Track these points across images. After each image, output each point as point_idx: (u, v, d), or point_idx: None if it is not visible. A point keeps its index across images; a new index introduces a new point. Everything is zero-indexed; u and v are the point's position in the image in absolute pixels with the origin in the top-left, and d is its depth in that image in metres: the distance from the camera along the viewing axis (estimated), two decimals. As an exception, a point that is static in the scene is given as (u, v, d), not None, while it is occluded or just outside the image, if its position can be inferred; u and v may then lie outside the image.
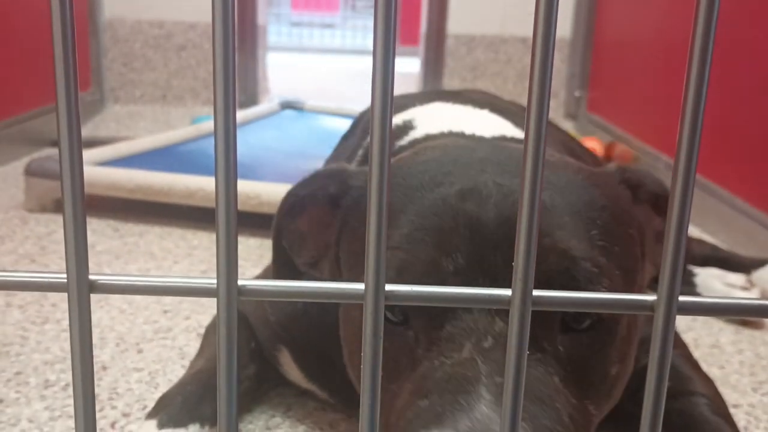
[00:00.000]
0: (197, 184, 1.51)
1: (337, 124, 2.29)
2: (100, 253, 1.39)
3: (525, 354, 0.32)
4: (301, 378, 0.84)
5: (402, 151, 0.74)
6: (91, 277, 0.32)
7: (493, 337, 0.53)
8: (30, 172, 1.63)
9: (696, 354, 0.85)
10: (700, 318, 1.20)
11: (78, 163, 0.31)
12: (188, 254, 1.41)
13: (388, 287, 0.32)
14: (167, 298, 1.18)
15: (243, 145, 1.85)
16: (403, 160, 0.67)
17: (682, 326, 1.16)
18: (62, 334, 1.05)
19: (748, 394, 0.97)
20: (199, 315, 1.13)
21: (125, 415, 0.86)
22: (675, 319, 0.31)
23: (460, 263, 0.56)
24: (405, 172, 0.63)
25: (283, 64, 4.84)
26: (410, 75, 3.47)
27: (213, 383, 0.79)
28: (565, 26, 3.01)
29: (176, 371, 0.96)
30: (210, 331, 0.94)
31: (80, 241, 0.32)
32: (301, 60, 5.71)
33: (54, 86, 0.30)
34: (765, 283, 1.27)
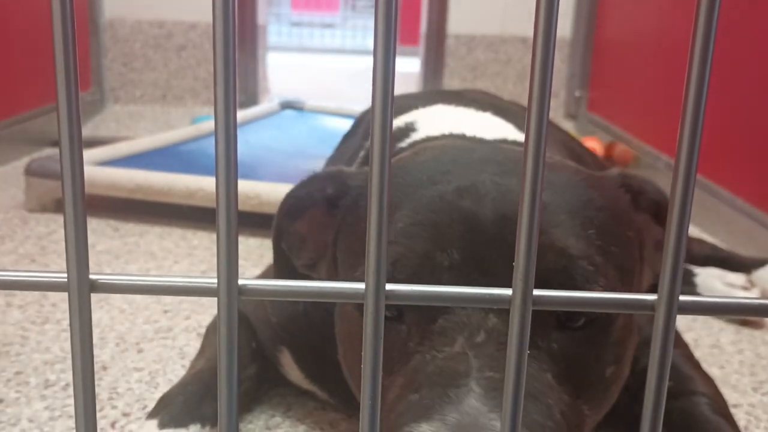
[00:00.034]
0: (197, 184, 1.51)
1: (337, 124, 2.29)
2: (100, 253, 1.39)
3: (525, 353, 0.32)
4: (302, 378, 0.84)
5: (403, 153, 0.74)
6: (92, 276, 0.32)
7: (486, 333, 0.53)
8: (30, 172, 1.63)
9: (696, 354, 0.85)
10: (700, 318, 1.20)
11: (78, 162, 0.31)
12: (188, 254, 1.41)
13: (389, 287, 0.32)
14: (167, 298, 1.18)
15: (243, 145, 1.85)
16: (402, 160, 0.67)
17: (683, 326, 1.16)
18: (62, 334, 1.05)
19: (748, 394, 0.97)
20: (200, 315, 1.13)
21: (125, 414, 0.86)
22: (675, 318, 0.31)
23: (455, 258, 0.56)
24: (403, 170, 0.63)
25: (283, 64, 4.84)
26: (410, 75, 3.47)
27: (214, 383, 0.79)
28: (565, 26, 3.01)
29: (176, 371, 0.96)
30: (211, 331, 0.94)
31: (81, 240, 0.32)
32: (301, 60, 5.71)
33: (54, 86, 0.30)
34: (765, 283, 1.27)
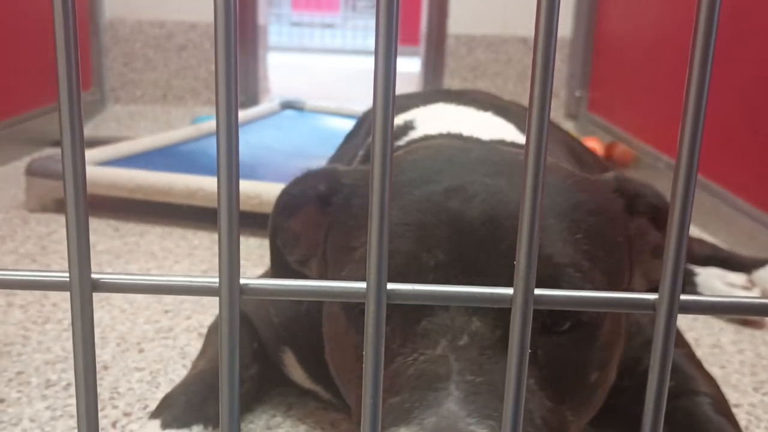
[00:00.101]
0: (198, 184, 1.51)
1: (337, 124, 2.29)
2: (101, 253, 1.39)
3: (527, 353, 0.32)
4: (305, 378, 0.84)
5: (398, 151, 0.74)
6: (94, 275, 0.32)
7: (469, 336, 0.53)
8: (31, 171, 1.63)
9: (697, 354, 0.85)
10: (701, 318, 1.20)
11: (80, 161, 0.31)
12: (189, 254, 1.41)
13: (390, 286, 0.32)
14: (168, 298, 1.18)
15: (244, 145, 1.85)
16: (396, 159, 0.67)
17: (683, 326, 1.16)
18: (63, 334, 1.05)
19: (749, 394, 0.97)
20: (200, 315, 1.13)
21: (126, 414, 0.86)
22: (676, 317, 0.31)
23: (441, 259, 0.56)
24: (395, 169, 0.63)
25: (283, 64, 4.84)
26: (411, 75, 3.47)
27: (216, 383, 0.79)
28: (565, 26, 3.01)
29: (177, 371, 0.96)
30: (212, 332, 0.94)
31: (82, 239, 0.32)
32: (301, 60, 5.71)
33: (55, 86, 0.30)
34: (766, 283, 1.27)
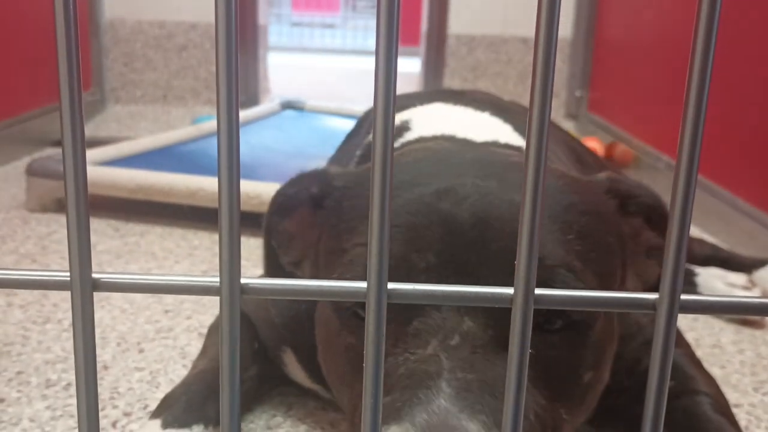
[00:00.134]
0: (198, 184, 1.51)
1: (337, 124, 2.29)
2: (101, 253, 1.39)
3: (527, 353, 0.32)
4: (305, 378, 0.84)
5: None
6: (94, 275, 0.32)
7: (461, 336, 0.53)
8: (31, 171, 1.63)
9: (697, 354, 0.85)
10: (701, 318, 1.20)
11: (81, 160, 0.31)
12: (189, 254, 1.41)
13: (391, 285, 0.32)
14: (168, 298, 1.18)
15: (244, 145, 1.85)
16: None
17: (684, 326, 1.16)
18: (63, 334, 1.05)
19: (749, 394, 0.97)
20: (201, 315, 1.13)
21: (126, 414, 0.86)
22: (677, 317, 0.31)
23: (432, 260, 0.56)
24: None
25: (283, 64, 4.84)
26: (411, 75, 3.47)
27: (217, 383, 0.79)
28: (566, 26, 3.01)
29: (177, 371, 0.96)
30: (213, 331, 0.94)
31: (83, 238, 0.32)
32: (301, 60, 5.71)
33: (55, 86, 0.30)
34: (766, 283, 1.27)
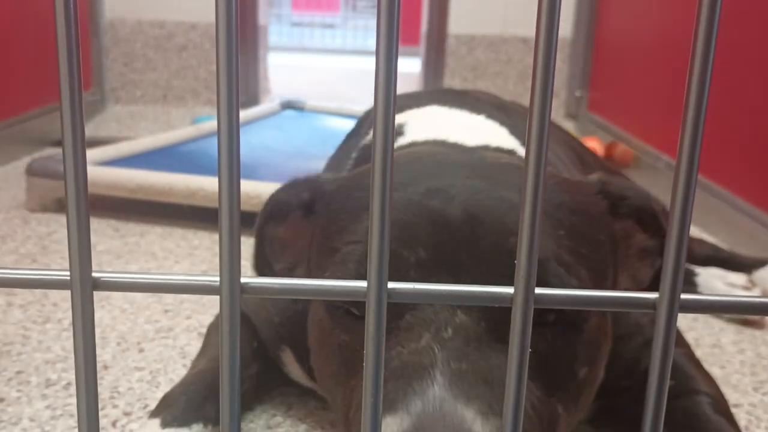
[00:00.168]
0: (198, 184, 1.51)
1: (337, 124, 2.29)
2: (101, 253, 1.39)
3: (527, 352, 0.32)
4: (304, 377, 0.84)
5: None
6: (94, 274, 0.32)
7: (454, 329, 0.53)
8: (31, 171, 1.63)
9: (697, 354, 0.85)
10: (701, 318, 1.20)
11: (81, 160, 0.31)
12: (189, 254, 1.41)
13: (391, 285, 0.32)
14: (168, 298, 1.18)
15: (244, 145, 1.84)
16: None
17: (684, 326, 1.16)
18: (63, 334, 1.05)
19: (749, 394, 0.97)
20: (201, 315, 1.13)
21: (126, 414, 0.86)
22: (677, 316, 0.31)
23: (422, 256, 0.56)
24: None
25: (284, 65, 4.84)
26: (411, 75, 3.47)
27: (217, 383, 0.79)
28: (566, 26, 3.01)
29: (177, 371, 0.96)
30: (212, 331, 0.94)
31: (83, 238, 0.32)
32: (301, 60, 5.71)
33: (55, 86, 0.30)
34: (766, 283, 1.28)
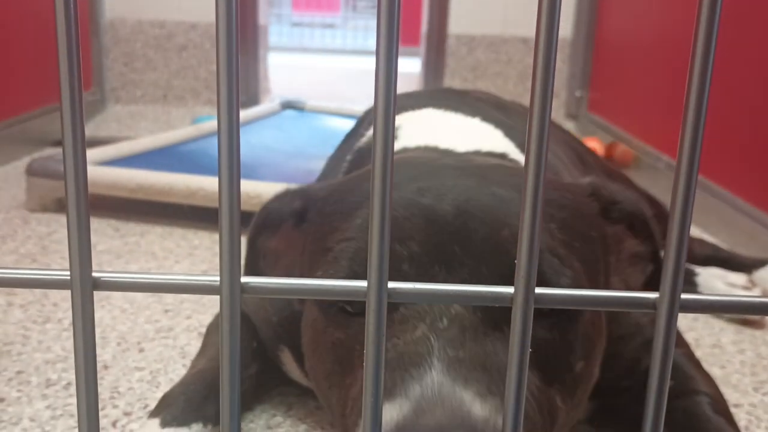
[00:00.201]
0: (198, 184, 1.51)
1: (337, 124, 2.29)
2: (101, 253, 1.39)
3: (527, 352, 0.32)
4: (303, 377, 0.84)
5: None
6: (95, 274, 0.32)
7: (449, 319, 0.53)
8: (31, 171, 1.63)
9: (697, 354, 0.85)
10: (701, 318, 1.20)
11: (81, 160, 0.31)
12: (189, 254, 1.41)
13: (391, 284, 0.32)
14: (168, 298, 1.18)
15: (244, 145, 1.84)
16: (368, 173, 0.68)
17: (684, 326, 1.16)
18: (63, 334, 1.05)
19: (749, 394, 0.97)
20: (201, 314, 1.13)
21: (126, 414, 0.86)
22: (677, 316, 0.31)
23: (415, 250, 0.57)
24: (366, 179, 0.65)
25: (284, 65, 4.84)
26: (411, 75, 3.47)
27: (216, 382, 0.79)
28: (566, 26, 3.01)
29: (177, 370, 0.96)
30: (211, 331, 0.94)
31: (83, 238, 0.32)
32: (301, 60, 5.71)
33: (56, 86, 0.30)
34: (766, 283, 1.27)
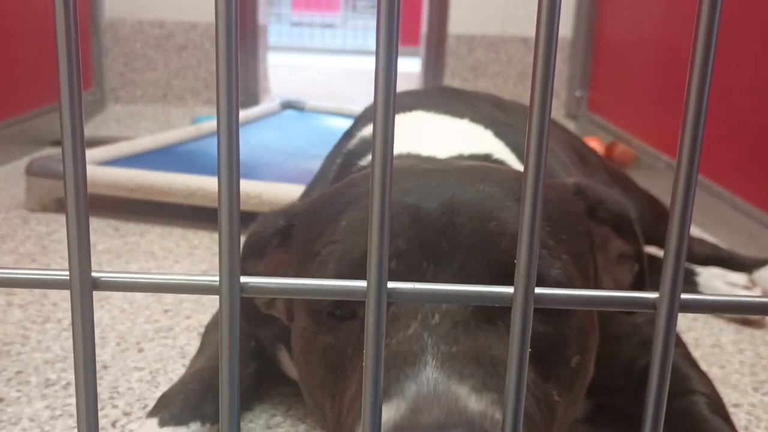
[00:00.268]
0: (198, 184, 1.51)
1: (337, 123, 2.29)
2: (101, 253, 1.39)
3: (527, 351, 0.32)
4: (301, 376, 0.85)
5: (356, 174, 0.78)
6: (94, 274, 0.32)
7: (441, 315, 0.53)
8: (31, 171, 1.63)
9: (697, 354, 0.85)
10: (701, 317, 1.20)
11: (81, 160, 0.31)
12: (189, 254, 1.41)
13: (390, 285, 0.32)
14: (168, 298, 1.18)
15: (244, 145, 1.84)
16: (353, 180, 0.70)
17: (683, 326, 1.16)
18: (63, 333, 1.05)
19: (748, 394, 0.97)
20: (200, 314, 1.13)
21: (126, 414, 0.86)
22: (677, 316, 0.31)
23: (402, 248, 0.57)
24: (350, 186, 0.66)
25: (283, 64, 4.84)
26: (411, 75, 3.47)
27: (214, 382, 0.79)
28: (566, 26, 3.01)
29: (177, 370, 0.96)
30: (210, 330, 0.94)
31: (83, 238, 0.32)
32: (301, 60, 5.71)
33: (55, 86, 0.30)
34: (766, 283, 1.28)
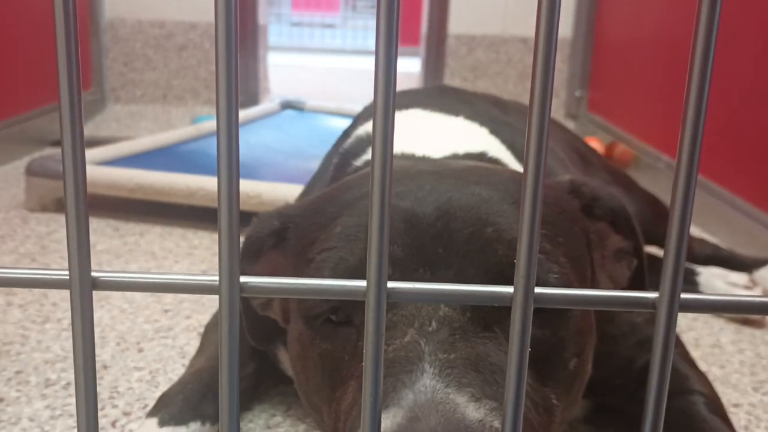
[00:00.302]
0: (198, 184, 1.51)
1: (337, 124, 2.29)
2: (101, 253, 1.39)
3: (527, 351, 0.32)
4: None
5: (351, 175, 0.77)
6: (94, 274, 0.32)
7: (438, 322, 0.53)
8: (31, 171, 1.63)
9: (697, 353, 0.85)
10: (701, 317, 1.20)
11: (80, 160, 0.31)
12: (189, 254, 1.41)
13: (390, 285, 0.32)
14: (168, 298, 1.18)
15: (244, 145, 1.84)
16: (347, 182, 0.69)
17: (683, 326, 1.16)
18: (63, 333, 1.05)
19: (748, 394, 0.97)
20: (200, 314, 1.13)
21: (126, 413, 0.86)
22: (677, 316, 0.31)
23: (398, 253, 0.57)
24: (344, 189, 0.66)
25: (283, 64, 4.84)
26: (411, 75, 3.47)
27: (214, 381, 0.79)
28: (566, 26, 3.01)
29: (177, 370, 0.96)
30: (209, 330, 0.94)
31: (82, 238, 0.32)
32: (301, 60, 5.71)
33: (55, 86, 0.30)
34: (767, 282, 1.28)
